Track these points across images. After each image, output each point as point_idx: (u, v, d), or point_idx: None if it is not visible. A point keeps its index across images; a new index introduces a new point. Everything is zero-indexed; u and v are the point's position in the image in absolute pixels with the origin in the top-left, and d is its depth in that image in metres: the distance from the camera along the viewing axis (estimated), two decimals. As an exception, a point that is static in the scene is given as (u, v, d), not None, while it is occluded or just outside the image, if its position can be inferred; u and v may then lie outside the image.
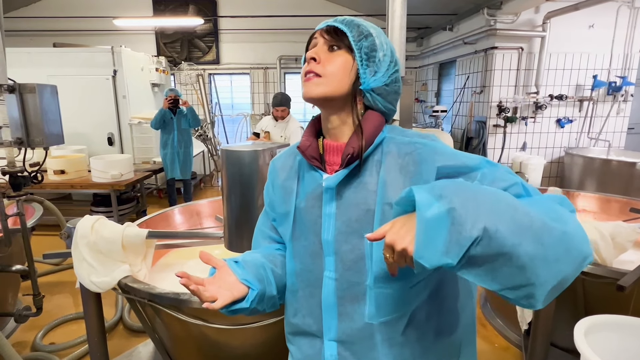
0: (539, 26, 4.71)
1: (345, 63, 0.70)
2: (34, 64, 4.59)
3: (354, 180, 0.71)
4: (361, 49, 0.70)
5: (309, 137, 0.77)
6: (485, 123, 5.01)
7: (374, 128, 0.71)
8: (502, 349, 2.19)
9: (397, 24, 1.71)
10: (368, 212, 0.69)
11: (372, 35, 0.71)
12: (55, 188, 3.95)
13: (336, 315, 0.73)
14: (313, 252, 0.75)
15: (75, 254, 1.51)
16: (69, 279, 2.96)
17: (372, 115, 0.72)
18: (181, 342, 1.65)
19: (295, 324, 0.80)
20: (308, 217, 0.76)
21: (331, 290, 0.73)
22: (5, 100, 1.79)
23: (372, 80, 0.71)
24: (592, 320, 1.23)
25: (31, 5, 6.51)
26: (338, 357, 0.74)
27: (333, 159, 0.75)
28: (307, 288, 0.77)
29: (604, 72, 4.91)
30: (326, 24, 0.73)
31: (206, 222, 2.37)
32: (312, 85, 0.70)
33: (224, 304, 0.67)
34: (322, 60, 0.70)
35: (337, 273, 0.73)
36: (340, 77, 0.70)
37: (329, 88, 0.70)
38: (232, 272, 0.72)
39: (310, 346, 0.78)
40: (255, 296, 0.73)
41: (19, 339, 2.26)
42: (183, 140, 4.30)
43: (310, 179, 0.77)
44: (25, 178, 1.95)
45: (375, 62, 0.71)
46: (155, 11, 6.65)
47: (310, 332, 0.78)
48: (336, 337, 0.74)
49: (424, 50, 6.78)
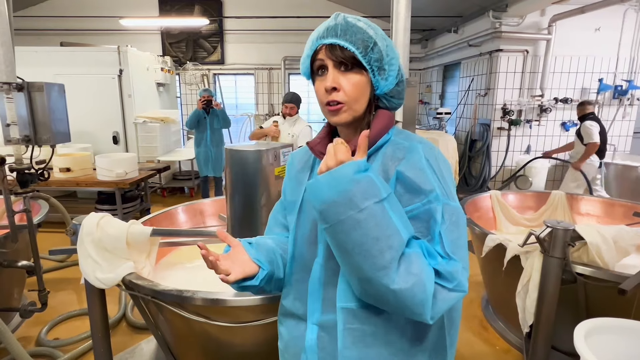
0: (544, 29, 4.70)
1: (360, 82, 0.73)
2: (41, 63, 4.64)
3: None
4: (371, 62, 0.72)
5: (321, 135, 0.84)
6: (490, 126, 5.00)
7: (381, 128, 0.76)
8: (503, 352, 2.19)
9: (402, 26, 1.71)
10: None
11: (376, 43, 0.73)
12: (60, 186, 3.98)
13: (320, 300, 0.78)
14: (309, 239, 0.81)
15: (80, 250, 1.53)
16: (73, 275, 2.99)
17: (382, 116, 0.77)
18: (183, 339, 1.66)
19: (286, 306, 0.86)
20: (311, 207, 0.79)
21: (317, 276, 0.79)
22: (13, 98, 1.81)
23: (385, 85, 0.75)
24: (593, 323, 1.23)
25: (39, 5, 6.58)
26: (317, 341, 0.78)
27: None
28: (299, 272, 0.83)
29: (610, 76, 4.88)
30: (329, 41, 0.73)
31: (209, 221, 2.39)
32: (342, 113, 0.74)
33: (237, 279, 0.73)
34: (341, 87, 0.73)
35: (324, 260, 0.78)
36: (361, 99, 0.74)
37: (355, 112, 0.75)
38: (245, 252, 0.78)
39: (296, 328, 0.84)
40: (265, 276, 0.78)
41: (24, 333, 2.29)
42: (215, 139, 4.41)
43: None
44: (33, 175, 1.97)
45: (385, 69, 0.74)
46: (161, 11, 6.70)
47: (298, 315, 0.83)
48: (318, 321, 0.78)
49: (429, 52, 6.77)
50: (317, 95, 0.77)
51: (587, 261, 1.69)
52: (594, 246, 1.64)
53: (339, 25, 0.73)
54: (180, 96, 7.08)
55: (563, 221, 1.62)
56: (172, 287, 1.41)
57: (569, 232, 1.58)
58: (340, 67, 0.73)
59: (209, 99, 4.24)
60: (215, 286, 1.61)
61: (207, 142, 4.38)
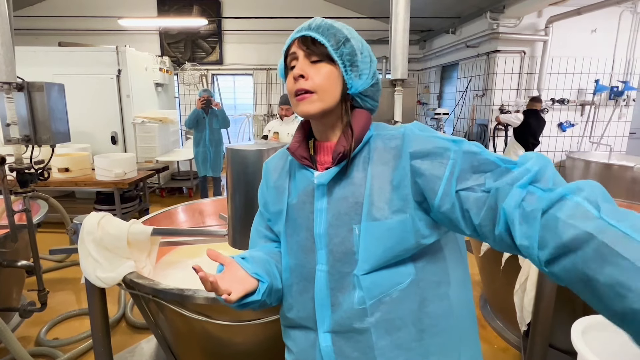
0: (541, 30, 4.73)
1: (330, 73, 0.72)
2: (39, 62, 4.63)
3: (343, 177, 0.75)
4: (342, 56, 0.72)
5: (298, 139, 0.80)
6: (487, 126, 5.02)
7: (363, 126, 0.74)
8: (501, 350, 2.20)
9: (401, 27, 1.72)
10: (356, 205, 0.72)
11: (349, 39, 0.73)
12: (59, 186, 3.98)
13: (329, 306, 0.76)
14: (305, 247, 0.78)
15: (81, 249, 1.53)
16: (73, 275, 2.99)
17: (360, 114, 0.75)
18: (184, 338, 1.67)
19: (291, 319, 0.83)
20: (300, 213, 0.79)
21: (323, 283, 0.76)
22: (13, 98, 1.82)
23: (359, 84, 0.74)
24: (591, 320, 1.25)
25: (37, 5, 6.56)
26: (333, 347, 0.76)
27: (324, 158, 0.79)
28: (300, 283, 0.80)
29: (606, 77, 4.92)
30: (301, 34, 0.73)
31: (209, 221, 2.39)
32: (307, 103, 0.72)
33: (239, 297, 0.69)
34: (309, 76, 0.72)
35: (328, 265, 0.75)
36: (331, 89, 0.72)
37: (324, 103, 0.72)
38: (240, 268, 0.74)
39: (305, 339, 0.81)
40: (266, 289, 0.76)
41: (23, 333, 2.29)
42: (214, 139, 4.42)
43: (301, 178, 0.80)
44: (32, 175, 1.97)
45: (357, 65, 0.73)
46: (160, 11, 6.70)
47: (305, 326, 0.80)
48: (330, 328, 0.76)
49: (427, 53, 6.80)
50: (287, 89, 0.76)
51: (584, 260, 1.70)
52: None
53: (314, 22, 0.74)
54: (178, 96, 7.08)
55: (560, 220, 1.63)
56: (172, 286, 1.41)
57: (566, 231, 1.59)
58: (311, 58, 0.73)
59: (208, 99, 4.25)
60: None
61: (206, 142, 4.39)
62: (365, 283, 0.72)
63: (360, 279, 0.72)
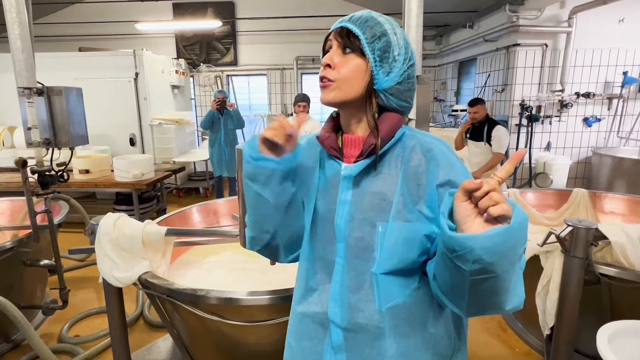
0: (564, 22, 4.55)
1: (358, 66, 0.72)
2: (60, 68, 4.78)
3: (371, 171, 0.74)
4: (374, 50, 0.71)
5: (327, 130, 0.80)
6: (507, 122, 4.87)
7: (390, 128, 0.73)
8: (522, 354, 2.13)
9: (414, 22, 1.68)
10: (383, 202, 0.72)
11: (386, 34, 0.71)
12: (80, 187, 4.10)
13: (345, 302, 0.75)
14: (326, 239, 0.78)
15: (98, 249, 1.56)
16: (93, 274, 3.07)
17: (389, 117, 0.74)
18: (198, 338, 1.68)
19: (302, 311, 0.82)
20: (324, 203, 0.79)
21: (339, 278, 0.75)
22: (34, 102, 1.87)
23: (384, 80, 0.72)
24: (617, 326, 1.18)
25: (58, 12, 6.78)
26: (345, 342, 0.75)
27: (351, 152, 0.78)
28: (322, 273, 0.79)
29: (635, 69, 4.69)
30: (339, 25, 0.74)
31: (223, 221, 2.41)
32: (327, 91, 0.73)
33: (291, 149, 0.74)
34: (336, 65, 0.72)
35: (345, 260, 0.75)
36: (353, 81, 0.72)
37: (343, 93, 0.73)
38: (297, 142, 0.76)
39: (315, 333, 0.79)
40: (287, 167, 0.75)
41: (46, 330, 2.36)
42: (229, 139, 4.47)
43: (329, 168, 0.80)
44: (53, 177, 2.03)
45: (388, 62, 0.71)
46: (175, 15, 6.81)
47: (318, 319, 0.79)
48: (342, 324, 0.75)
49: (443, 49, 6.65)
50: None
51: (611, 261, 1.62)
52: (619, 246, 1.57)
53: (357, 14, 0.74)
54: (194, 98, 7.19)
55: (585, 220, 1.56)
56: (186, 286, 1.42)
57: (592, 231, 1.52)
58: (345, 50, 0.73)
59: (223, 99, 4.30)
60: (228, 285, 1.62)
61: (221, 142, 4.44)
62: (382, 283, 0.71)
63: (378, 278, 0.71)
